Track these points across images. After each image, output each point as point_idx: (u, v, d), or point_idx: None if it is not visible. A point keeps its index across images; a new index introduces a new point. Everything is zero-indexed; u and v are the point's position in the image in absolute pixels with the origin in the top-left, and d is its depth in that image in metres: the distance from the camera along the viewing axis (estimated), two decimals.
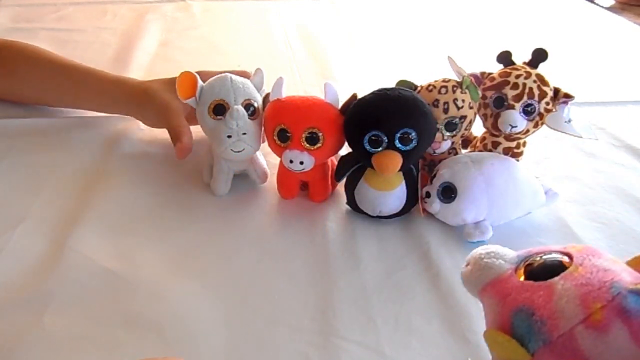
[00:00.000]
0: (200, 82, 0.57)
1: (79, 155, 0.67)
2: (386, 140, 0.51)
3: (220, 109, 0.55)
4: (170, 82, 0.66)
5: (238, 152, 0.56)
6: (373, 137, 0.51)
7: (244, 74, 0.59)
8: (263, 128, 0.57)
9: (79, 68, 0.72)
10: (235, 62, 0.97)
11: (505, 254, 0.36)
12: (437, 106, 0.55)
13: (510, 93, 0.56)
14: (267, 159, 0.63)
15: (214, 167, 0.60)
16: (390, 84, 0.55)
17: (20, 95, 0.76)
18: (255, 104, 0.57)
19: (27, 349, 0.43)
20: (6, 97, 0.76)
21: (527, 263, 0.34)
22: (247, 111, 0.55)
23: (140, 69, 0.92)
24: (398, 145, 0.51)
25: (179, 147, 0.59)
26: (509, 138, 0.59)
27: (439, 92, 0.55)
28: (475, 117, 0.58)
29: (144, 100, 0.66)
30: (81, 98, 0.73)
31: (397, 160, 0.52)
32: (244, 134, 0.55)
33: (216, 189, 0.60)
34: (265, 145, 0.58)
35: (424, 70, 0.66)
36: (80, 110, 0.76)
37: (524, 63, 0.58)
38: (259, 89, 0.58)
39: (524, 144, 0.61)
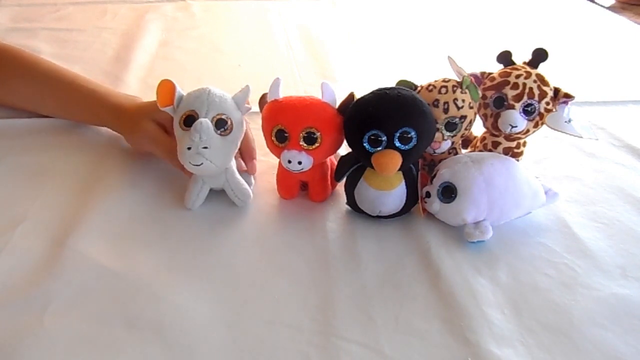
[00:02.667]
0: (179, 91, 0.56)
1: (79, 155, 0.67)
2: (385, 140, 0.51)
3: (190, 120, 0.54)
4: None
5: (196, 165, 0.53)
6: (372, 137, 0.52)
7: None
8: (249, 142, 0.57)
9: (71, 86, 0.70)
10: (235, 62, 0.98)
11: None
12: (437, 106, 0.55)
13: (510, 93, 0.56)
14: (267, 158, 0.63)
15: (190, 179, 0.59)
16: (390, 84, 0.55)
17: (12, 104, 0.75)
18: (229, 120, 0.54)
19: (27, 349, 0.43)
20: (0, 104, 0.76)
21: None
22: (218, 126, 0.54)
23: (141, 68, 0.92)
24: (397, 144, 0.51)
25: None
26: (509, 138, 0.59)
27: (439, 92, 0.55)
28: (475, 117, 0.58)
29: (133, 128, 0.64)
30: (70, 115, 0.72)
31: (396, 159, 0.52)
32: (205, 148, 0.52)
33: (187, 201, 0.59)
34: (264, 146, 0.57)
35: (424, 70, 0.66)
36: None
37: (524, 63, 0.58)
38: (239, 105, 0.56)
39: (524, 144, 0.61)
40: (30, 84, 0.72)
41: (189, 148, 0.53)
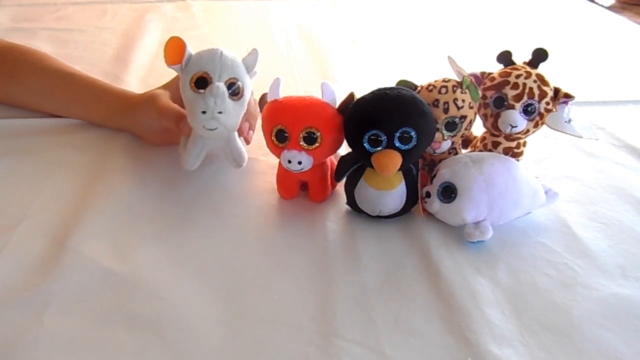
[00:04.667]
0: (189, 50, 0.55)
1: (79, 155, 0.67)
2: (386, 140, 0.51)
3: (202, 82, 0.53)
4: (167, 86, 0.67)
5: (210, 130, 0.54)
6: (372, 137, 0.52)
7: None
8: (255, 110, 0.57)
9: (81, 79, 0.72)
10: None
11: None
12: (437, 106, 0.55)
13: (510, 93, 0.56)
14: (267, 158, 0.63)
15: (189, 140, 0.59)
16: (390, 84, 0.55)
17: (21, 101, 0.76)
18: (240, 84, 0.55)
19: (27, 349, 0.43)
20: (7, 102, 0.76)
21: None
22: (229, 90, 0.54)
23: (140, 68, 0.92)
24: (397, 144, 0.51)
25: (183, 123, 0.58)
26: (509, 138, 0.59)
27: (439, 92, 0.55)
28: (475, 117, 0.58)
29: (145, 108, 0.65)
30: (80, 108, 0.73)
31: (396, 159, 0.52)
32: (220, 112, 0.53)
33: (186, 162, 0.58)
34: (264, 146, 0.57)
35: (424, 70, 0.66)
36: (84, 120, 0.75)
37: (524, 63, 0.58)
38: (249, 69, 0.56)
39: (524, 143, 0.61)
40: (42, 80, 0.73)
41: (204, 112, 0.53)
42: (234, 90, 0.54)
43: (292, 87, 0.87)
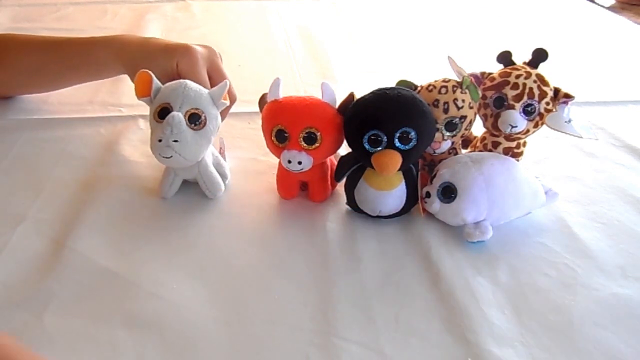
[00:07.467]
0: (157, 83, 0.57)
1: (79, 155, 0.67)
2: (386, 140, 0.51)
3: (164, 112, 0.55)
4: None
5: (165, 157, 0.55)
6: (372, 137, 0.52)
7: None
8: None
9: (68, 43, 0.72)
10: (235, 62, 0.98)
11: None
12: (437, 106, 0.55)
13: (510, 93, 0.56)
14: (267, 158, 0.63)
15: (164, 170, 0.60)
16: (390, 84, 0.55)
17: (10, 84, 0.76)
18: (202, 115, 0.56)
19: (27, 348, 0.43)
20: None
21: None
22: (191, 120, 0.55)
23: None
24: (397, 144, 0.51)
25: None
26: (509, 138, 0.59)
27: (439, 92, 0.55)
28: (475, 117, 0.58)
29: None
30: (73, 72, 0.74)
31: (396, 159, 0.52)
32: (175, 141, 0.53)
33: (161, 191, 0.60)
34: (264, 146, 0.58)
35: (424, 70, 0.66)
36: (74, 85, 0.77)
37: (524, 63, 0.58)
38: (216, 100, 0.57)
39: (524, 144, 0.61)
40: (32, 57, 0.73)
41: (160, 140, 0.54)
42: (195, 121, 0.55)
43: (292, 87, 0.87)
